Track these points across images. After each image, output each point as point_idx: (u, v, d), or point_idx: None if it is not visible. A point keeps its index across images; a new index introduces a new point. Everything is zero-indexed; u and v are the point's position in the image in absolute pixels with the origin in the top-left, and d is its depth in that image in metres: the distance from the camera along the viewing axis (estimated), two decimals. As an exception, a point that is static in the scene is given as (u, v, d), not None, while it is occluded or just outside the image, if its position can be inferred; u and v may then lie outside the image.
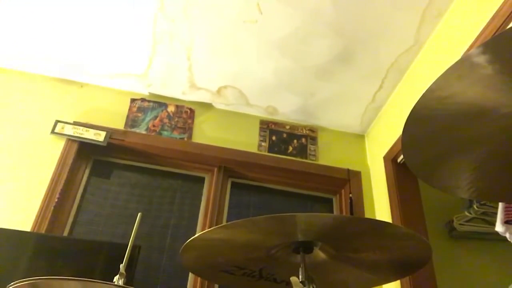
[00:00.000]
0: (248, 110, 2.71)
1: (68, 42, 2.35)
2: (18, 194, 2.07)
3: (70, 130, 2.33)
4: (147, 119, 2.53)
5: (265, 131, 2.67)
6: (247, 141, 2.59)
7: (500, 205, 1.76)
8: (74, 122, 2.37)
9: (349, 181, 2.53)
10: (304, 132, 2.73)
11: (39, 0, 2.14)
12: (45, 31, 2.29)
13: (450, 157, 0.87)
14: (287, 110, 2.68)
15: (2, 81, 2.47)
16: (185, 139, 2.51)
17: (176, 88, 2.58)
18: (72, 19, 2.22)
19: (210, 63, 2.40)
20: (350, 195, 2.47)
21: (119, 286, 0.99)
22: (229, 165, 2.49)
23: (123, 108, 2.54)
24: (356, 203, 2.44)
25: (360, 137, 2.80)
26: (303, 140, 2.69)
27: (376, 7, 2.01)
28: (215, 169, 2.47)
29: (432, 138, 0.84)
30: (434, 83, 0.73)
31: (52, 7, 2.17)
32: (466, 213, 2.51)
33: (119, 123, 2.46)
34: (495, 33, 1.59)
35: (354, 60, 2.29)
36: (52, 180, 2.14)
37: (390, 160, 2.33)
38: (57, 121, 2.34)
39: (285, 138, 2.67)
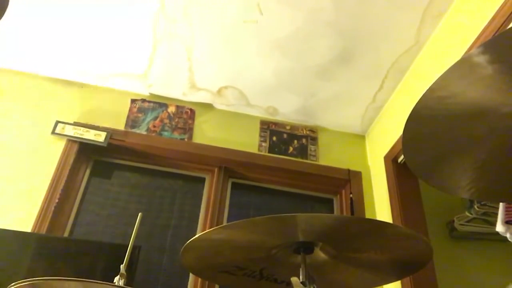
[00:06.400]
0: (248, 111, 2.71)
1: (68, 42, 2.35)
2: (19, 195, 2.07)
3: (70, 131, 2.33)
4: (148, 119, 2.53)
5: (265, 132, 2.67)
6: (248, 142, 2.59)
7: (501, 205, 1.76)
8: (74, 122, 2.37)
9: (349, 181, 2.53)
10: (305, 132, 2.73)
11: (39, 1, 2.14)
12: (46, 32, 2.29)
13: (450, 157, 0.86)
14: (288, 111, 2.68)
15: (3, 82, 2.47)
16: (186, 139, 2.51)
17: (177, 88, 2.59)
18: (72, 20, 2.22)
19: (210, 64, 2.40)
20: (351, 195, 2.46)
21: (120, 286, 0.99)
22: (230, 165, 2.49)
23: (124, 108, 2.54)
24: (356, 203, 2.44)
25: (360, 137, 2.80)
26: (304, 140, 2.69)
27: (377, 7, 2.01)
28: (216, 170, 2.47)
29: (432, 138, 0.84)
30: (434, 83, 0.73)
31: (53, 8, 2.17)
32: (467, 213, 2.50)
33: (119, 124, 2.46)
34: (495, 33, 1.59)
35: (354, 60, 2.29)
36: (53, 180, 2.14)
37: (391, 160, 2.33)
38: (58, 122, 2.34)
39: (286, 138, 2.67)
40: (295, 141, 2.67)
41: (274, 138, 2.65)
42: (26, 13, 2.21)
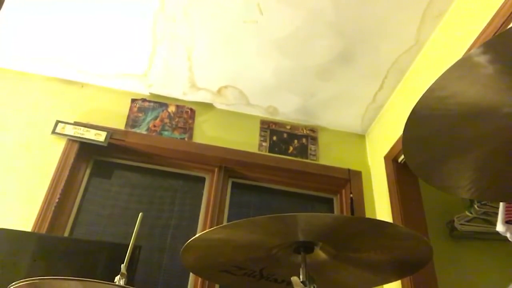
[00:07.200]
0: (248, 110, 2.71)
1: (69, 42, 2.35)
2: (19, 195, 2.07)
3: (70, 130, 2.33)
4: (148, 119, 2.53)
5: (265, 131, 2.67)
6: (248, 141, 2.59)
7: (501, 205, 1.76)
8: (74, 122, 2.37)
9: (349, 181, 2.53)
10: (305, 132, 2.73)
11: (39, 1, 2.14)
12: (46, 31, 2.29)
13: (450, 157, 0.86)
14: (288, 110, 2.68)
15: (3, 82, 2.47)
16: (186, 139, 2.51)
17: (177, 88, 2.59)
18: (72, 20, 2.22)
19: (210, 63, 2.40)
20: (351, 195, 2.46)
21: (120, 286, 0.99)
22: (230, 165, 2.49)
23: (124, 108, 2.54)
24: (356, 203, 2.44)
25: (360, 137, 2.80)
26: (304, 140, 2.69)
27: (377, 7, 2.01)
28: (216, 169, 2.47)
29: (432, 138, 0.84)
30: (434, 83, 0.73)
31: (53, 8, 2.17)
32: (467, 213, 2.50)
33: (119, 123, 2.46)
34: (495, 33, 1.59)
35: (354, 60, 2.29)
36: (53, 180, 2.14)
37: (391, 160, 2.33)
38: (58, 121, 2.34)
39: (286, 138, 2.67)
40: (295, 141, 2.67)
41: (274, 138, 2.65)
42: (26, 13, 2.21)
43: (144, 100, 2.61)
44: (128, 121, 2.49)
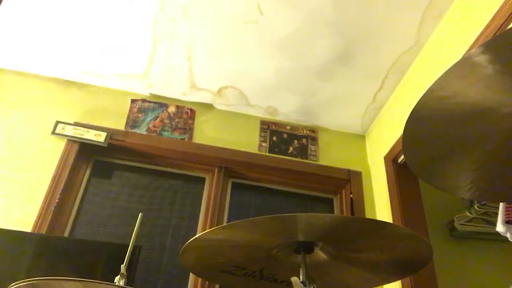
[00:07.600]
0: (248, 111, 2.71)
1: (68, 42, 2.35)
2: (19, 195, 2.07)
3: (70, 131, 2.33)
4: (148, 119, 2.53)
5: (265, 132, 2.67)
6: (248, 142, 2.59)
7: (501, 205, 1.76)
8: (74, 122, 2.37)
9: (349, 181, 2.53)
10: (305, 132, 2.73)
11: (40, 1, 2.14)
12: (46, 32, 2.29)
13: (450, 157, 0.86)
14: (288, 111, 2.68)
15: (3, 82, 2.47)
16: (186, 139, 2.51)
17: (177, 88, 2.59)
18: (72, 20, 2.22)
19: (210, 64, 2.40)
20: (351, 195, 2.46)
21: (120, 286, 0.99)
22: (230, 165, 2.49)
23: (124, 108, 2.54)
24: (356, 203, 2.44)
25: (360, 137, 2.80)
26: (304, 140, 2.69)
27: (377, 7, 2.01)
28: (216, 170, 2.47)
29: (432, 138, 0.84)
30: (434, 83, 0.73)
31: (53, 8, 2.17)
32: (467, 213, 2.51)
33: (119, 124, 2.46)
34: (495, 33, 1.59)
35: (354, 60, 2.29)
36: (53, 180, 2.14)
37: (391, 160, 2.33)
38: (58, 122, 2.34)
39: (286, 138, 2.67)
40: (295, 141, 2.67)
41: (274, 138, 2.65)
42: (26, 13, 2.21)
43: (144, 100, 2.61)
44: (128, 121, 2.49)
